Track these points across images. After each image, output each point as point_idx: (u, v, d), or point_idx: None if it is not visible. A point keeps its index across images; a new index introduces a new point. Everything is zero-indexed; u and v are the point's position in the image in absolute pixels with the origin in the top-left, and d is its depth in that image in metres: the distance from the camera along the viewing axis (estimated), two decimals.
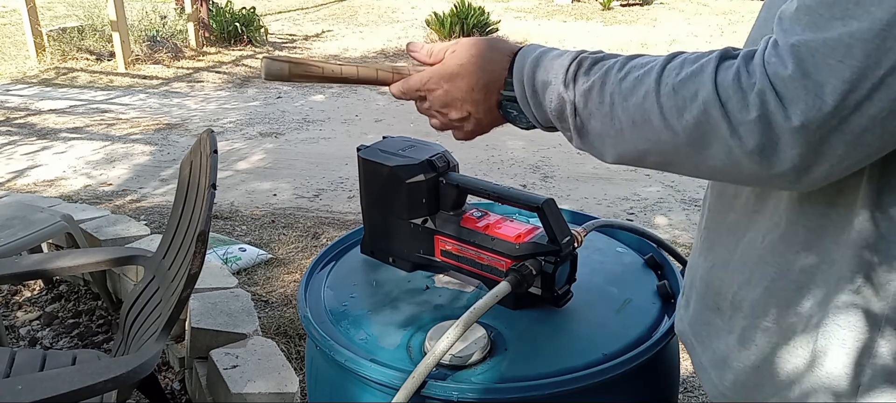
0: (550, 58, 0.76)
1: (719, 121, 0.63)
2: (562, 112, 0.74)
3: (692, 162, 0.67)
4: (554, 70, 0.75)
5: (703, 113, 0.64)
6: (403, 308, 1.09)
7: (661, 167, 0.71)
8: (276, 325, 2.49)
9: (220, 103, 6.35)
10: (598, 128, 0.72)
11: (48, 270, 1.96)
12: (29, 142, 5.14)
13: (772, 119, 0.60)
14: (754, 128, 0.61)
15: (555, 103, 0.75)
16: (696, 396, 2.21)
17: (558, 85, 0.74)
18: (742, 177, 0.66)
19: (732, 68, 0.64)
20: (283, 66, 0.85)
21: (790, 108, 0.60)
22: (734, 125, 0.62)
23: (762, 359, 0.80)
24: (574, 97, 0.73)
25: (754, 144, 0.62)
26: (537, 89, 0.76)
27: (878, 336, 0.72)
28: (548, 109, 0.76)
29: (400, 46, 8.77)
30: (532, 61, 0.77)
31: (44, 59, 7.52)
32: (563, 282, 1.08)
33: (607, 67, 0.72)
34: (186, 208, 1.72)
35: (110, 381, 1.36)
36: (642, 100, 0.68)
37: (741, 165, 0.64)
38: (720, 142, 0.64)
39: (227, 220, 3.66)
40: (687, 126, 0.65)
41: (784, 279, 0.75)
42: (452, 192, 1.14)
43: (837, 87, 0.58)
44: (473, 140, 0.94)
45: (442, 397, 0.90)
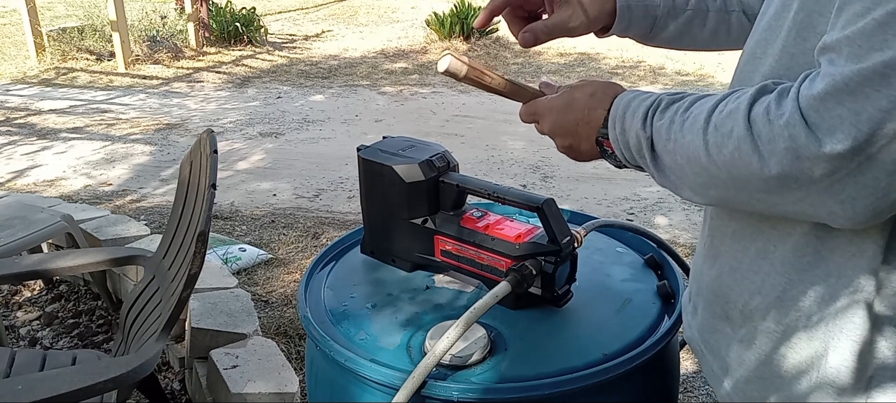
0: (639, 100, 0.81)
1: (750, 155, 0.64)
2: (640, 150, 0.79)
3: (745, 198, 0.69)
4: (639, 112, 0.79)
5: (736, 148, 0.66)
6: (403, 308, 1.09)
7: (732, 204, 0.74)
8: (276, 325, 2.49)
9: (220, 103, 6.35)
10: (668, 165, 0.76)
11: (48, 270, 1.96)
12: (29, 142, 5.14)
13: (801, 151, 0.61)
14: (783, 158, 0.62)
15: (634, 142, 0.79)
16: (696, 396, 2.21)
17: (638, 124, 0.78)
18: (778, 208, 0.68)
19: (765, 101, 0.65)
20: (462, 66, 0.93)
21: (822, 137, 0.60)
22: (764, 157, 0.64)
23: (771, 366, 0.80)
24: (650, 134, 0.77)
25: (779, 171, 0.63)
26: (626, 129, 0.81)
27: (880, 336, 0.72)
28: (633, 148, 0.80)
29: (400, 46, 8.77)
30: (624, 104, 0.82)
31: (44, 59, 7.52)
32: (563, 282, 1.08)
33: (678, 106, 0.76)
34: (186, 208, 1.72)
35: (110, 381, 1.36)
36: (694, 138, 0.71)
37: (784, 199, 0.65)
38: (754, 176, 0.65)
39: (227, 220, 3.66)
40: (726, 160, 0.67)
41: (795, 289, 0.75)
42: (452, 192, 1.14)
43: (874, 116, 0.57)
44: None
45: (442, 397, 0.90)
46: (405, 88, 6.92)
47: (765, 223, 0.77)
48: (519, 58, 8.04)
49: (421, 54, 8.31)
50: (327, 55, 8.43)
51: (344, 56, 8.38)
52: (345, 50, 8.71)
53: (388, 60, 8.14)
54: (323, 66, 7.89)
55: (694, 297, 0.94)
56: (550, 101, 0.93)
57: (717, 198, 0.74)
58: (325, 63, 8.02)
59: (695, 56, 7.85)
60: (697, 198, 0.76)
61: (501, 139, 5.10)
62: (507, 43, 8.61)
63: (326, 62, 8.07)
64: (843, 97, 0.59)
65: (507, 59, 7.97)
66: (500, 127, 5.48)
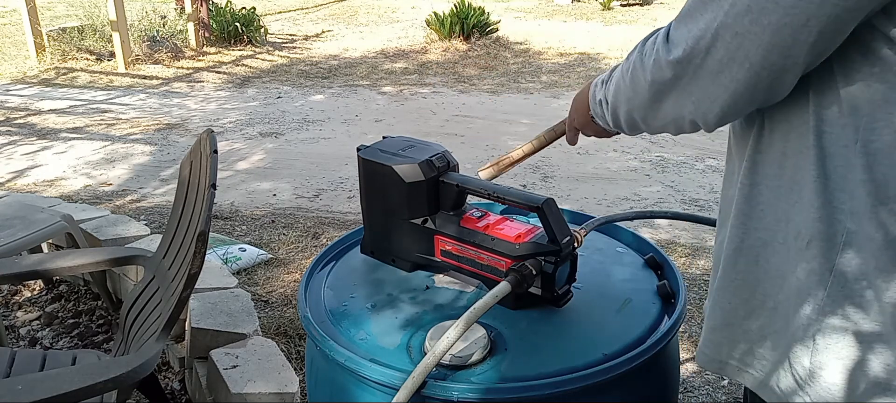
0: (602, 76, 1.03)
1: (638, 70, 0.86)
2: (602, 111, 1.00)
3: (646, 110, 0.88)
4: (600, 80, 1.02)
5: (633, 69, 0.87)
6: (403, 308, 1.09)
7: (646, 120, 0.91)
8: (276, 325, 2.49)
9: (220, 103, 6.35)
10: (612, 107, 0.97)
11: (48, 270, 1.96)
12: (29, 142, 5.14)
13: (660, 60, 0.81)
14: (653, 68, 0.82)
15: (599, 100, 1.01)
16: (696, 396, 2.21)
17: (599, 92, 1.01)
18: (665, 115, 0.86)
19: (654, 34, 0.85)
20: (492, 171, 1.24)
21: (671, 49, 0.79)
22: (646, 68, 0.84)
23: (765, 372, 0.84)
24: (605, 95, 0.98)
25: (652, 79, 0.83)
26: (598, 100, 1.01)
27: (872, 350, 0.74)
28: (600, 111, 1.01)
29: (400, 46, 8.77)
30: (599, 80, 1.03)
31: (44, 59, 7.52)
32: (563, 282, 1.08)
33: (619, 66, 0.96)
34: (186, 208, 1.71)
35: (110, 381, 1.36)
36: (618, 76, 0.94)
37: (664, 105, 0.84)
38: (642, 85, 0.85)
39: (227, 220, 3.66)
40: (629, 80, 0.89)
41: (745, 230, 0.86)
42: (452, 192, 1.14)
43: (695, 33, 0.76)
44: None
45: (442, 397, 0.90)
46: (405, 88, 6.92)
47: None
48: (519, 58, 8.04)
49: (421, 54, 8.31)
50: (327, 55, 8.43)
51: (344, 56, 8.38)
52: (345, 50, 8.71)
53: (388, 60, 8.14)
54: (323, 65, 7.89)
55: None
56: (571, 107, 1.17)
57: (633, 118, 0.93)
58: (325, 63, 8.02)
59: None
60: (628, 124, 0.95)
61: (501, 139, 5.10)
62: (506, 43, 8.62)
63: (326, 62, 8.07)
64: (683, 21, 0.78)
65: (507, 59, 7.97)
66: (500, 127, 5.48)
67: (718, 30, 0.73)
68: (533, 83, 7.02)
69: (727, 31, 0.73)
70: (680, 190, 4.10)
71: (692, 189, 4.10)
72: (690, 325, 2.53)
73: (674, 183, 4.20)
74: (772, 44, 0.70)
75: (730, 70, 0.74)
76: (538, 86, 6.92)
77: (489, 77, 7.29)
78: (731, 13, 0.72)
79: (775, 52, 0.71)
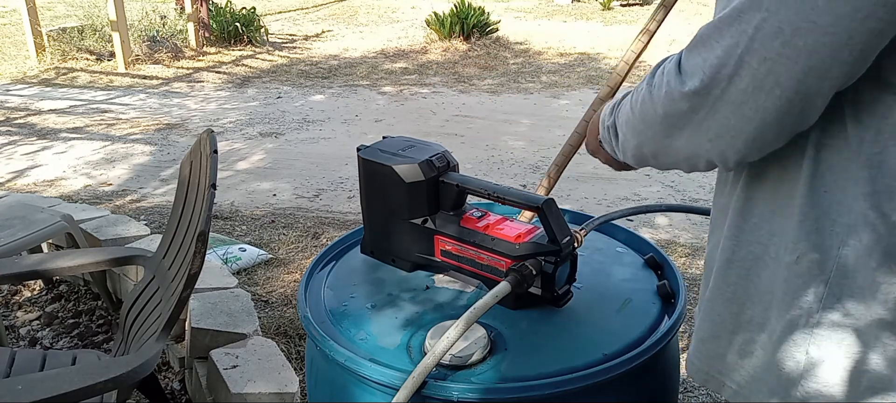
0: (613, 101, 0.94)
1: (648, 101, 0.79)
2: (609, 139, 0.93)
3: (655, 144, 0.81)
4: (608, 109, 0.94)
5: (642, 100, 0.81)
6: (403, 308, 1.09)
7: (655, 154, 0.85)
8: (276, 325, 2.49)
9: (220, 103, 6.35)
10: (621, 139, 0.90)
11: (48, 270, 1.96)
12: (29, 142, 5.14)
13: (673, 91, 0.74)
14: (665, 100, 0.76)
15: (604, 134, 0.94)
16: (696, 396, 2.21)
17: (607, 119, 0.93)
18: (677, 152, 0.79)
19: (665, 62, 0.79)
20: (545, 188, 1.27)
21: (686, 79, 0.73)
22: (655, 100, 0.77)
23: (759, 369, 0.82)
24: (614, 121, 0.91)
25: (664, 111, 0.76)
26: (606, 126, 0.94)
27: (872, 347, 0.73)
28: (608, 141, 0.95)
29: (400, 46, 8.77)
30: (609, 107, 0.95)
31: (44, 59, 7.52)
32: (563, 282, 1.08)
33: (630, 93, 0.88)
34: (186, 208, 1.71)
35: (110, 381, 1.36)
36: (628, 107, 0.87)
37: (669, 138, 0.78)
38: (652, 118, 0.79)
39: (227, 220, 3.66)
40: (639, 112, 0.82)
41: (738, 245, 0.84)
42: (452, 192, 1.14)
43: (713, 62, 0.69)
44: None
45: (442, 397, 0.90)
46: (405, 88, 6.92)
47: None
48: (519, 58, 8.04)
49: (421, 54, 8.31)
50: (327, 55, 8.43)
51: (344, 56, 8.38)
52: (345, 50, 8.71)
53: (388, 60, 8.14)
54: (323, 65, 7.89)
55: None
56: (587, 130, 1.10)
57: (642, 153, 0.86)
58: (325, 63, 8.02)
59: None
60: (636, 159, 0.89)
61: (501, 139, 5.10)
62: (506, 43, 8.61)
63: (326, 62, 8.07)
64: (699, 47, 0.71)
65: (507, 59, 7.97)
66: (500, 127, 5.48)
67: (743, 56, 0.67)
68: (533, 83, 7.02)
69: (754, 57, 0.66)
70: (680, 189, 4.10)
71: (692, 188, 4.10)
72: (690, 325, 2.53)
73: (674, 182, 4.20)
74: (808, 67, 0.64)
75: (756, 100, 0.68)
76: (538, 86, 6.92)
77: (489, 77, 7.29)
78: (758, 37, 0.65)
79: (812, 76, 0.65)
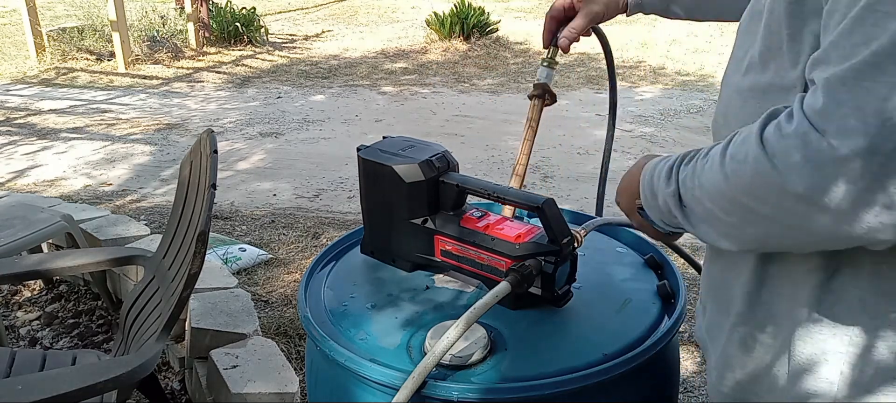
0: (663, 162, 0.81)
1: (769, 173, 0.62)
2: (669, 209, 0.78)
3: (781, 227, 0.65)
4: (663, 172, 0.79)
5: (755, 172, 0.63)
6: (403, 308, 1.09)
7: (776, 241, 0.69)
8: (276, 325, 2.49)
9: (221, 103, 6.35)
10: (699, 213, 0.73)
11: (48, 270, 1.96)
12: (29, 142, 5.14)
13: (818, 158, 0.58)
14: (803, 171, 0.59)
15: (662, 203, 0.79)
16: (696, 396, 2.21)
17: (663, 184, 0.78)
18: (820, 234, 0.63)
19: (775, 121, 0.64)
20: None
21: (835, 141, 0.57)
22: (782, 171, 0.61)
23: (760, 365, 0.81)
24: (676, 188, 0.76)
25: (805, 187, 0.59)
26: (655, 193, 0.81)
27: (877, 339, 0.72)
28: (663, 210, 0.80)
29: (400, 46, 8.76)
30: (649, 171, 0.83)
31: (44, 59, 7.52)
32: (563, 282, 1.08)
33: (697, 154, 0.75)
34: (186, 208, 1.71)
35: (110, 381, 1.36)
36: (713, 175, 0.69)
37: (811, 219, 0.62)
38: (778, 194, 0.62)
39: (227, 220, 3.66)
40: (747, 185, 0.65)
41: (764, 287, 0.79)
42: (452, 192, 1.14)
43: (878, 107, 0.55)
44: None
45: (442, 397, 0.90)
46: (405, 88, 6.92)
47: None
48: (518, 58, 8.04)
49: (421, 54, 8.31)
50: (327, 55, 8.43)
51: (344, 56, 8.38)
52: (345, 50, 8.71)
53: (388, 60, 8.14)
54: (323, 65, 7.89)
55: (703, 296, 0.97)
56: (617, 188, 0.99)
57: (755, 237, 0.69)
58: (325, 63, 8.02)
59: (695, 56, 7.85)
60: (737, 243, 0.72)
61: (501, 139, 5.10)
62: (506, 43, 8.61)
63: (326, 62, 8.07)
64: (844, 97, 0.57)
65: (506, 59, 7.97)
66: (500, 127, 5.48)
67: None
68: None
69: None
70: None
71: None
72: (690, 325, 2.53)
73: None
74: None
75: None
76: None
77: (489, 77, 7.29)
78: None
79: None
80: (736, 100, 0.79)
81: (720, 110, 0.85)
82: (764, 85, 0.73)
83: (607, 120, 1.38)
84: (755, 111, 0.69)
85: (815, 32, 0.66)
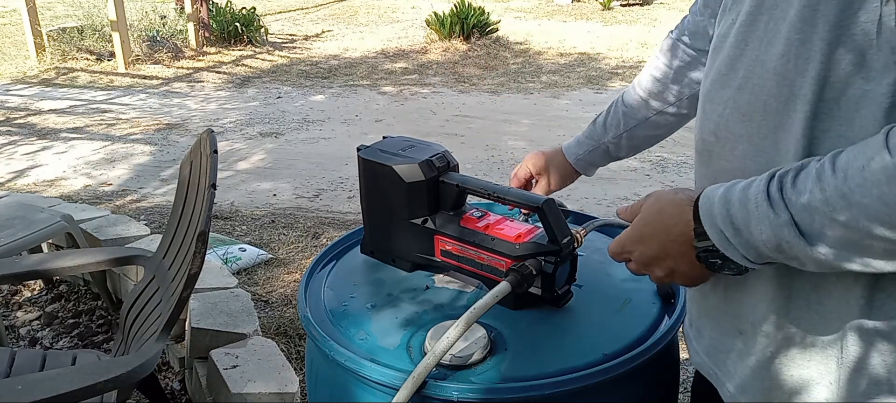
0: (738, 191, 0.71)
1: None
2: (780, 241, 0.68)
3: None
4: (751, 201, 0.69)
5: None
6: (403, 308, 1.09)
7: None
8: (276, 325, 2.49)
9: (221, 103, 6.35)
10: (842, 238, 0.65)
11: (48, 270, 1.96)
12: (29, 142, 5.14)
13: None
14: None
15: (767, 233, 0.68)
16: None
17: (764, 213, 0.68)
18: None
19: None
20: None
21: None
22: None
23: (778, 377, 0.80)
24: (792, 216, 0.67)
25: None
26: (739, 228, 0.70)
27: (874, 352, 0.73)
28: (760, 243, 0.69)
29: (400, 46, 8.77)
30: (720, 203, 0.72)
31: (44, 59, 7.52)
32: (563, 282, 1.08)
33: (815, 173, 0.66)
34: (186, 208, 1.72)
35: (110, 381, 1.36)
36: (888, 188, 0.60)
37: None
38: None
39: (227, 220, 3.66)
40: None
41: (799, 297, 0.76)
42: (452, 192, 1.14)
43: None
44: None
45: (442, 397, 0.90)
46: (405, 88, 6.92)
47: None
48: (519, 58, 8.04)
49: (421, 54, 8.31)
50: (327, 55, 8.43)
51: (344, 56, 8.38)
52: (345, 50, 8.71)
53: (388, 60, 8.14)
54: (323, 65, 7.89)
55: (696, 321, 0.93)
56: (626, 237, 0.85)
57: None
58: (325, 63, 8.02)
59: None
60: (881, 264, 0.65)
61: (501, 139, 5.10)
62: (506, 43, 8.62)
63: (326, 62, 8.07)
64: None
65: (507, 59, 7.98)
66: (500, 127, 5.48)
67: None
68: (533, 83, 7.02)
69: None
70: None
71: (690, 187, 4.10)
72: None
73: (674, 183, 4.20)
74: None
75: None
76: (538, 86, 6.92)
77: (489, 77, 7.29)
78: None
79: None
80: (763, 84, 0.74)
81: (708, 127, 0.83)
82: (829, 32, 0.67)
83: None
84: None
85: None
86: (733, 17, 0.82)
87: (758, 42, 0.76)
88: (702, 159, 0.87)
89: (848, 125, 0.68)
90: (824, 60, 0.68)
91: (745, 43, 0.78)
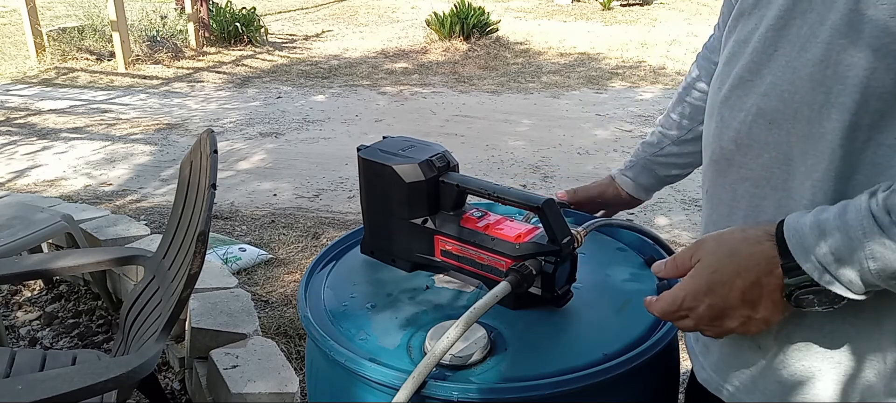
0: (832, 217, 0.66)
1: None
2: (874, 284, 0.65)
3: None
4: (851, 227, 0.64)
5: None
6: (403, 308, 1.09)
7: None
8: (276, 325, 2.49)
9: (221, 103, 6.35)
10: None
11: (48, 270, 1.96)
12: (29, 142, 5.14)
13: None
14: None
15: (881, 261, 0.63)
16: None
17: (874, 238, 0.63)
18: None
19: None
20: None
21: None
22: None
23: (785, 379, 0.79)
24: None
25: None
26: (842, 258, 0.65)
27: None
28: (869, 271, 0.64)
29: (400, 46, 8.77)
30: (813, 233, 0.66)
31: (44, 59, 7.52)
32: (564, 282, 1.08)
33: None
34: (186, 208, 1.72)
35: (110, 381, 1.36)
36: None
37: None
38: None
39: (227, 220, 3.66)
40: None
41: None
42: (452, 192, 1.14)
43: None
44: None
45: (442, 397, 0.90)
46: (405, 88, 6.92)
47: None
48: (519, 58, 8.04)
49: (421, 54, 8.31)
50: (327, 55, 8.43)
51: (344, 56, 8.38)
52: (345, 50, 8.71)
53: (389, 60, 8.14)
54: (323, 65, 7.89)
55: (702, 337, 0.92)
56: (685, 292, 0.77)
57: None
58: (325, 63, 8.02)
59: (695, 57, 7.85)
60: None
61: (501, 139, 5.10)
62: (506, 43, 8.61)
63: (326, 62, 8.07)
64: None
65: (507, 59, 7.98)
66: (500, 127, 5.48)
67: None
68: (533, 83, 7.02)
69: None
70: (680, 190, 4.10)
71: (692, 189, 4.10)
72: None
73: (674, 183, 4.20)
74: None
75: None
76: (538, 86, 6.92)
77: (489, 77, 7.29)
78: None
79: None
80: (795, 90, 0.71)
81: (728, 135, 0.79)
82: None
83: None
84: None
85: None
86: (755, 22, 0.79)
87: (789, 46, 0.73)
88: (718, 169, 0.84)
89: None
90: (869, 67, 0.66)
91: (775, 47, 0.75)
